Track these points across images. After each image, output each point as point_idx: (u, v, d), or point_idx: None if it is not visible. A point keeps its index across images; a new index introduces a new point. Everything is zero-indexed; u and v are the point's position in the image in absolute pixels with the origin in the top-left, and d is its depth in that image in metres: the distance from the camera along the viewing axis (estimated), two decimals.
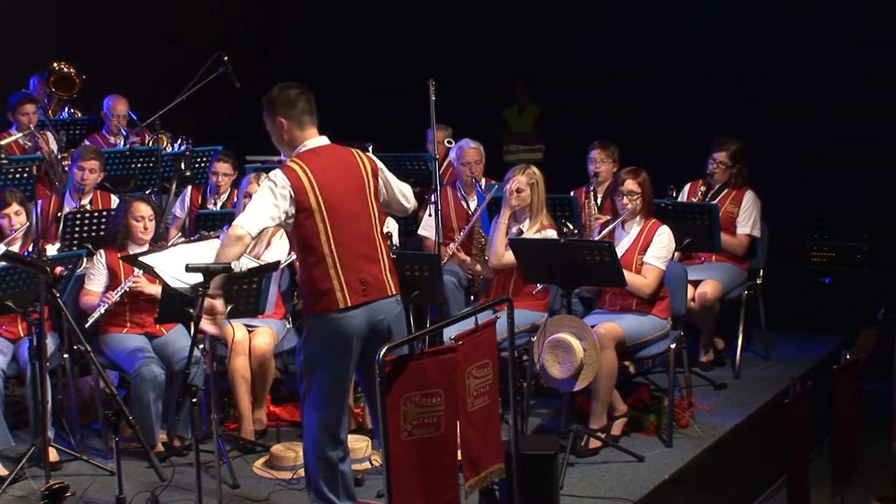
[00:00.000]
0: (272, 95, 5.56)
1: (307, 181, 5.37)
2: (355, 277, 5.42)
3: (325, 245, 5.39)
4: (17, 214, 7.11)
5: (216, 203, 8.40)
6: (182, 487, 6.47)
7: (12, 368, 6.96)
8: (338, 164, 5.52)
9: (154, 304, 7.03)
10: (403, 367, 4.95)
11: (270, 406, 7.46)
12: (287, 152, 5.62)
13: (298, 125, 5.53)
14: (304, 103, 5.54)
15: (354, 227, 5.48)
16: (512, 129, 12.87)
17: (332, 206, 5.40)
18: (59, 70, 9.98)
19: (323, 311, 5.40)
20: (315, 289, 5.41)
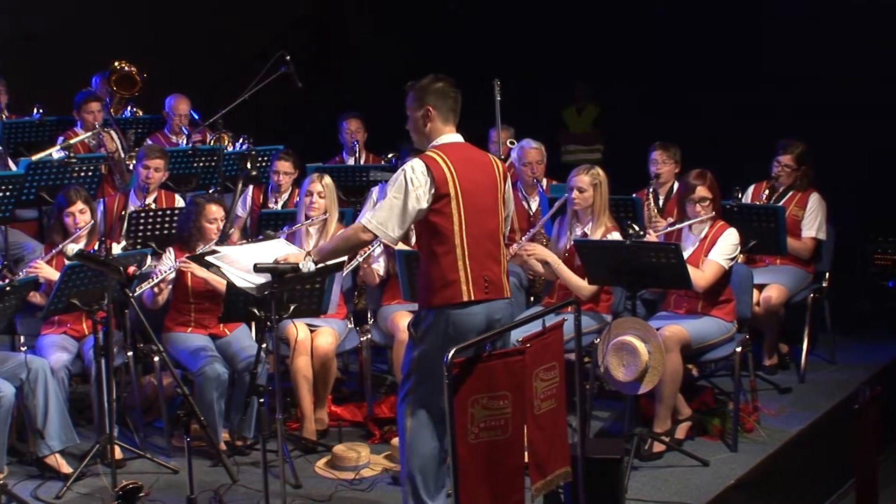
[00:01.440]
0: (424, 83, 5.50)
1: (447, 170, 5.31)
2: (480, 273, 5.36)
3: (457, 236, 5.33)
4: (82, 213, 7.15)
5: (277, 202, 8.42)
6: (245, 487, 6.48)
7: (77, 366, 7.01)
8: (474, 160, 5.48)
9: (218, 305, 7.06)
10: (471, 368, 4.92)
11: (332, 406, 7.46)
12: (421, 142, 5.55)
13: (443, 118, 5.48)
14: (452, 99, 5.50)
15: (485, 223, 5.43)
16: (570, 129, 12.83)
17: (468, 197, 5.34)
18: (120, 69, 10.02)
19: (444, 304, 5.32)
20: (440, 279, 5.33)
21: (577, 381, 5.57)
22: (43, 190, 8.02)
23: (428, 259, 5.41)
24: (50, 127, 9.46)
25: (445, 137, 5.48)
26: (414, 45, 13.32)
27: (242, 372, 6.94)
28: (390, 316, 7.29)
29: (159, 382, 7.21)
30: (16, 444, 6.87)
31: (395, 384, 7.80)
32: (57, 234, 7.18)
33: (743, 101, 11.84)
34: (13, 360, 6.62)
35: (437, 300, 5.36)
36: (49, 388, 6.60)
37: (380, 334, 7.47)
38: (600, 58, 12.85)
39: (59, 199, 7.20)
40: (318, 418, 7.24)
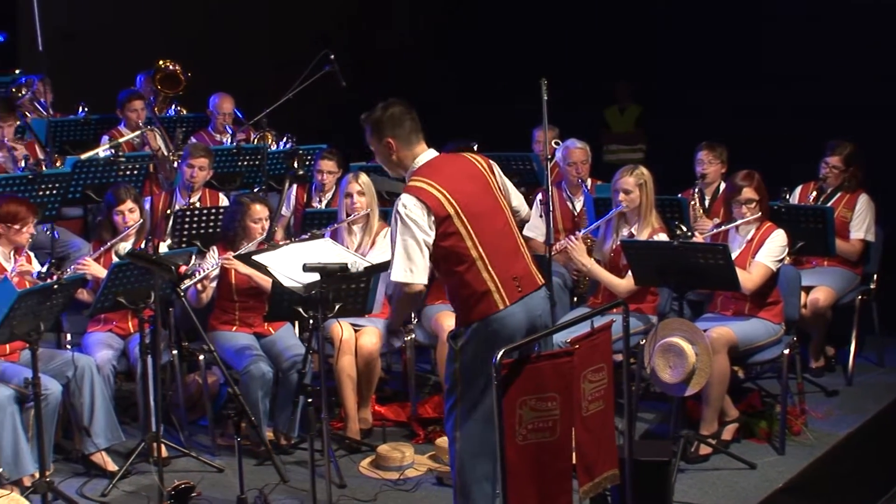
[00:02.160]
0: (376, 116, 5.35)
1: (438, 193, 5.16)
2: (508, 275, 5.25)
3: (472, 249, 5.20)
4: (132, 211, 7.17)
5: (321, 201, 8.40)
6: (290, 486, 6.48)
7: (122, 364, 7.04)
8: (458, 170, 5.33)
9: (262, 303, 7.07)
10: (520, 370, 4.89)
11: (375, 406, 7.45)
12: (396, 172, 5.43)
13: (407, 144, 5.32)
14: (410, 121, 5.33)
15: (493, 225, 5.30)
16: (613, 128, 12.79)
17: (467, 209, 5.21)
18: (164, 68, 10.07)
19: (483, 316, 5.21)
20: (472, 294, 5.21)
21: (624, 383, 5.53)
22: (89, 188, 8.05)
23: (452, 280, 5.28)
24: (94, 125, 9.51)
25: (420, 159, 5.33)
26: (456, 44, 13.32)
27: (287, 371, 6.94)
28: (434, 316, 7.27)
29: (204, 381, 7.22)
30: (61, 441, 6.89)
31: (438, 384, 7.80)
32: (105, 232, 7.21)
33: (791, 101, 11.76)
34: (60, 357, 6.65)
35: (474, 315, 5.25)
36: (95, 386, 6.62)
37: (424, 334, 7.45)
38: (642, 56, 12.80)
39: (108, 198, 7.23)
40: (362, 418, 7.24)
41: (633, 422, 6.79)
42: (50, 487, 6.21)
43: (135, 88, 9.82)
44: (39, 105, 9.86)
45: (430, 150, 5.38)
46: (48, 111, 9.70)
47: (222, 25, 12.55)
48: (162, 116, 9.82)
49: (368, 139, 5.41)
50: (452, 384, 5.29)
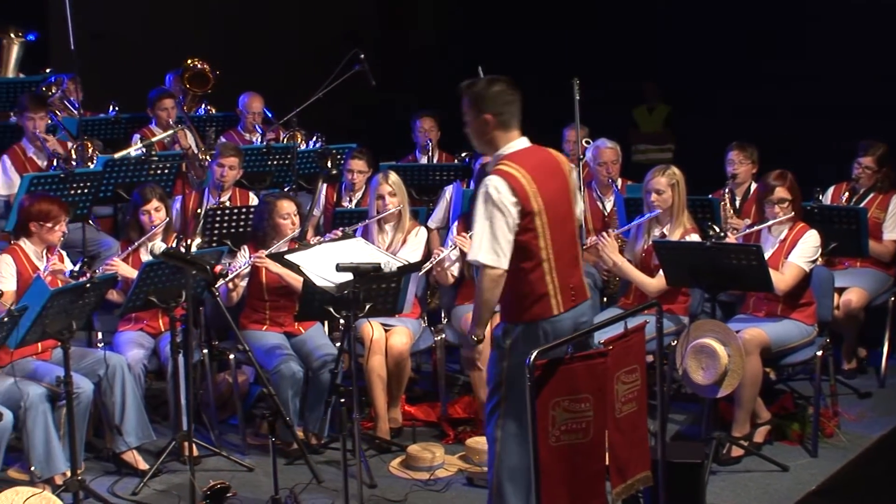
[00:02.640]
0: (478, 88, 5.16)
1: (528, 185, 5.05)
2: (567, 283, 5.18)
3: (543, 250, 5.11)
4: (157, 210, 7.18)
5: (351, 200, 8.40)
6: (317, 485, 6.47)
7: (153, 363, 7.04)
8: (546, 165, 5.21)
9: (293, 302, 7.07)
10: (553, 371, 4.86)
11: (405, 406, 7.43)
12: (484, 149, 5.31)
13: (504, 126, 5.16)
14: (513, 102, 5.16)
15: (566, 230, 5.23)
16: (641, 128, 12.75)
17: (550, 209, 5.11)
18: (193, 66, 10.09)
19: (536, 318, 5.15)
20: (529, 294, 5.13)
21: (658, 384, 5.50)
22: (120, 187, 8.08)
23: (512, 275, 5.14)
24: (125, 124, 9.53)
25: (514, 144, 5.19)
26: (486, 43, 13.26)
27: (317, 370, 6.93)
28: (464, 316, 7.24)
29: (234, 380, 7.22)
30: (92, 439, 6.90)
31: (467, 384, 7.79)
32: (133, 232, 7.23)
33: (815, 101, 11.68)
34: (91, 356, 6.67)
35: (527, 316, 5.18)
36: (126, 385, 6.64)
37: (454, 334, 7.43)
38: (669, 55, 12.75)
39: (134, 197, 7.25)
40: (392, 418, 7.23)
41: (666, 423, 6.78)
42: (81, 486, 6.22)
43: (165, 87, 9.83)
44: (69, 104, 9.90)
45: (524, 138, 5.25)
46: (79, 110, 9.74)
47: (251, 24, 12.57)
48: (191, 115, 9.84)
49: (465, 110, 5.23)
50: (497, 384, 5.22)
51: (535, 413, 4.79)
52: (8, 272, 6.67)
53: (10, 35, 10.33)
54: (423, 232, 7.45)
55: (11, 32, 10.36)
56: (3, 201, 8.31)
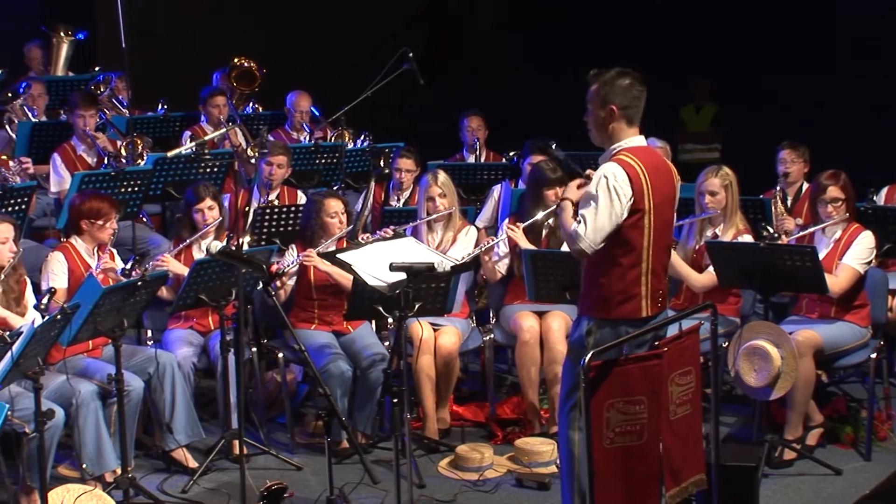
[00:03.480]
0: (608, 78, 5.13)
1: (644, 181, 5.03)
2: (658, 288, 5.17)
3: (645, 250, 5.08)
4: (210, 209, 7.20)
5: (399, 200, 8.39)
6: (366, 484, 6.45)
7: (202, 361, 7.05)
8: (661, 169, 5.19)
9: (341, 300, 7.06)
10: (608, 372, 4.83)
11: (453, 406, 7.40)
12: (602, 140, 5.22)
13: (628, 120, 5.13)
14: (640, 98, 5.14)
15: (667, 237, 5.22)
16: (688, 127, 12.66)
17: (658, 211, 5.09)
18: (240, 65, 10.11)
19: (623, 317, 5.13)
20: (622, 292, 5.11)
21: (712, 386, 5.46)
22: (170, 185, 8.10)
23: (609, 269, 5.12)
24: (175, 122, 9.56)
25: (633, 140, 5.15)
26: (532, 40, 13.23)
27: (366, 370, 6.92)
28: (513, 316, 7.22)
29: (283, 378, 7.22)
30: (141, 437, 6.90)
31: (514, 384, 7.77)
32: (185, 230, 7.26)
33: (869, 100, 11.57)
34: (142, 354, 6.68)
35: (615, 313, 5.14)
36: (176, 383, 6.65)
37: (502, 334, 7.39)
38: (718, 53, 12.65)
39: (187, 195, 7.27)
40: (441, 418, 7.20)
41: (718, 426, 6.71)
42: (132, 483, 6.25)
43: (217, 85, 9.86)
44: (118, 102, 9.95)
45: (642, 137, 5.22)
46: (127, 108, 9.79)
47: (299, 22, 12.58)
48: (240, 114, 9.86)
49: (590, 99, 5.18)
50: (575, 384, 5.16)
51: (590, 415, 4.75)
52: (60, 270, 6.70)
53: (61, 34, 10.42)
54: (474, 231, 7.42)
55: (61, 31, 10.45)
56: (54, 199, 8.36)
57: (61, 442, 6.25)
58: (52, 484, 5.83)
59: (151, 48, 11.25)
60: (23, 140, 8.78)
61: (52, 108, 9.79)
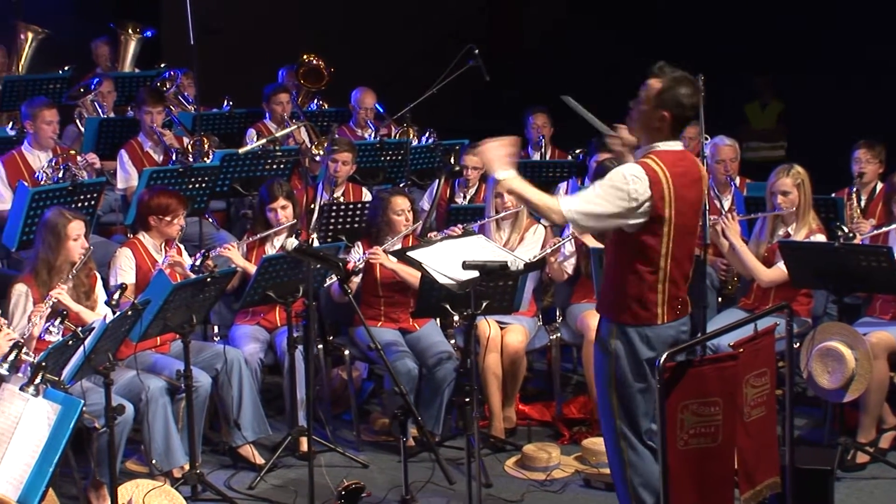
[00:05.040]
0: (670, 83, 4.98)
1: (666, 189, 4.92)
2: (676, 295, 5.07)
3: (662, 259, 5.00)
4: (284, 208, 7.19)
5: (465, 197, 8.35)
6: (434, 483, 6.42)
7: (268, 357, 7.06)
8: (690, 175, 5.07)
9: (407, 298, 7.04)
10: (682, 373, 4.76)
11: (519, 404, 7.36)
12: (640, 136, 5.13)
13: (674, 130, 5.02)
14: (694, 108, 5.07)
15: (688, 244, 5.12)
16: (753, 125, 12.53)
17: (679, 219, 4.98)
18: (308, 62, 10.12)
19: (640, 323, 5.05)
20: (636, 298, 5.03)
21: (787, 388, 5.36)
22: (237, 182, 8.12)
23: (625, 274, 5.06)
24: (239, 119, 9.58)
25: (669, 144, 5.04)
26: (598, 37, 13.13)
27: (432, 368, 6.89)
28: (581, 314, 7.16)
29: (349, 375, 7.21)
30: (208, 433, 6.91)
31: (580, 383, 7.72)
32: (259, 227, 7.26)
33: None
34: (209, 350, 6.70)
35: (628, 318, 5.07)
36: (243, 379, 6.65)
37: (569, 333, 7.34)
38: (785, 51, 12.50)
39: (261, 193, 7.27)
40: (507, 416, 7.16)
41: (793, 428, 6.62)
42: (200, 479, 6.27)
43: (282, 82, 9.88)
44: (183, 99, 10.00)
45: (679, 143, 5.12)
46: (192, 105, 9.83)
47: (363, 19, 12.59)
48: (304, 111, 9.87)
49: (644, 94, 5.05)
50: (608, 389, 5.14)
51: (665, 416, 4.69)
52: (128, 265, 6.74)
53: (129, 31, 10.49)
54: (542, 230, 7.37)
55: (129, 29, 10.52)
56: (121, 195, 8.41)
57: (129, 437, 6.27)
58: (120, 479, 5.84)
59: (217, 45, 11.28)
60: (90, 135, 8.84)
61: (119, 105, 9.87)
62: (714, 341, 6.10)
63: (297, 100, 9.94)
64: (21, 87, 9.47)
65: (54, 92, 9.40)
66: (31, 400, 4.70)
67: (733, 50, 12.57)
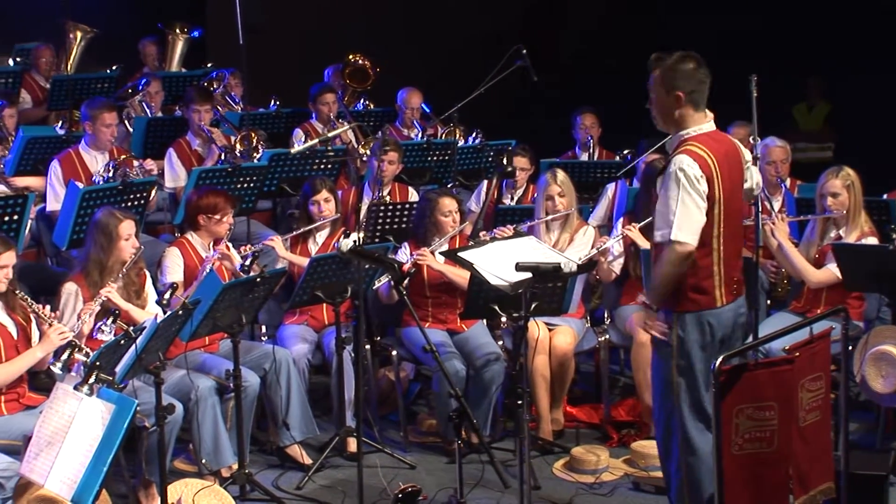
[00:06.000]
0: (670, 63, 5.02)
1: (714, 170, 4.95)
2: (731, 275, 5.07)
3: (715, 239, 5.01)
4: (327, 202, 7.22)
5: (512, 198, 8.32)
6: (481, 485, 6.39)
7: (316, 357, 7.05)
8: (731, 154, 5.11)
9: (454, 298, 7.02)
10: (738, 377, 4.71)
11: (567, 406, 7.32)
12: (668, 127, 5.14)
13: (695, 104, 5.02)
14: (705, 81, 5.04)
15: (737, 222, 5.13)
16: (801, 126, 12.43)
17: (727, 199, 5.00)
18: (354, 62, 10.11)
19: (699, 308, 5.04)
20: (693, 284, 5.03)
21: (841, 392, 5.30)
22: (284, 181, 8.13)
23: None
24: (286, 119, 9.59)
25: (702, 127, 5.05)
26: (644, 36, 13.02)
27: (480, 369, 6.86)
28: (630, 316, 7.11)
29: (396, 376, 7.20)
30: (255, 433, 6.91)
31: (627, 385, 7.68)
32: (302, 223, 7.27)
33: None
34: (258, 349, 6.70)
35: (691, 305, 5.06)
36: (292, 379, 6.65)
37: (618, 335, 7.29)
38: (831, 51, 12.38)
39: (304, 188, 7.32)
40: (555, 419, 7.13)
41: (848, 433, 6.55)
42: (249, 479, 6.27)
43: (328, 81, 9.88)
44: (230, 98, 10.02)
45: (711, 121, 5.11)
46: (239, 104, 9.85)
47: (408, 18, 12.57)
48: (350, 110, 9.87)
49: (652, 86, 5.10)
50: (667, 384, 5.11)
51: (720, 420, 4.65)
52: (176, 264, 6.75)
53: (176, 31, 10.52)
54: (591, 231, 7.32)
55: (177, 28, 10.56)
56: (169, 194, 8.43)
57: (177, 436, 6.27)
58: (169, 478, 5.85)
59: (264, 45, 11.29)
60: (139, 135, 8.87)
61: (166, 104, 9.90)
62: (765, 345, 6.05)
63: (343, 99, 9.93)
64: (70, 87, 9.51)
65: (102, 91, 9.45)
66: (84, 399, 4.71)
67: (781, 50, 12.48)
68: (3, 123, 8.50)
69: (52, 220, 7.63)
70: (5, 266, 5.75)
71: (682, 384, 5.10)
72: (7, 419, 5.69)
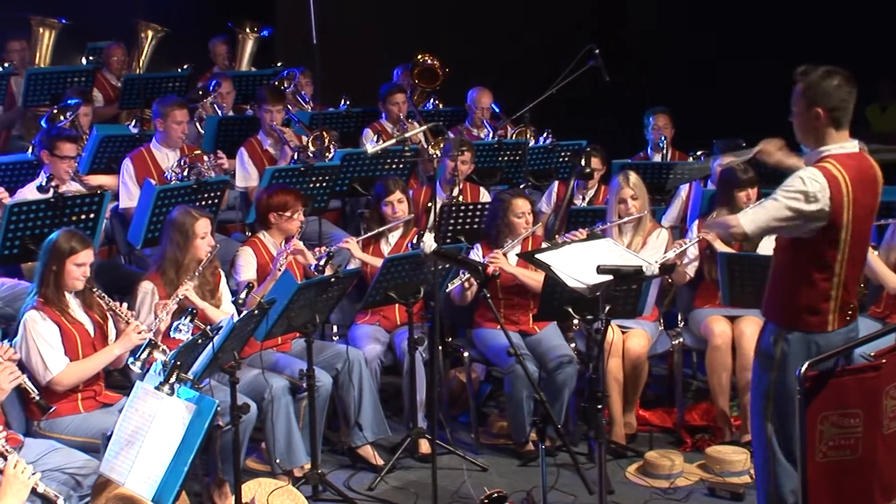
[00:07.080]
0: (815, 79, 4.83)
1: (846, 194, 4.76)
2: (847, 301, 4.93)
3: (838, 265, 4.85)
4: (400, 202, 7.20)
5: (584, 199, 8.26)
6: (556, 489, 6.33)
7: (387, 357, 7.03)
8: (868, 179, 4.91)
9: (527, 300, 6.98)
10: (823, 384, 4.63)
11: (640, 410, 7.25)
12: (807, 142, 4.96)
13: (836, 123, 4.88)
14: (849, 101, 4.88)
15: (863, 249, 4.98)
16: (873, 127, 12.26)
17: (856, 225, 4.83)
18: (423, 62, 10.10)
19: (809, 330, 4.91)
20: (808, 305, 4.90)
21: None
22: (356, 181, 8.12)
23: (799, 279, 4.90)
24: (356, 118, 9.59)
25: (841, 146, 4.88)
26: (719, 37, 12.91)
27: (553, 371, 6.81)
28: (704, 320, 7.03)
29: (468, 377, 7.17)
30: (326, 433, 6.89)
31: (700, 389, 7.59)
32: (373, 223, 7.26)
33: None
34: (330, 350, 6.69)
35: (800, 325, 4.91)
36: (364, 380, 6.64)
37: (692, 338, 7.21)
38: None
39: (377, 189, 7.30)
40: (627, 422, 7.06)
41: None
42: (321, 479, 6.26)
43: (397, 81, 9.87)
44: (300, 98, 10.03)
45: (854, 141, 4.96)
46: (309, 104, 9.87)
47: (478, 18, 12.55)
48: (420, 110, 9.85)
49: (795, 99, 4.92)
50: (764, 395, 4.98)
51: (805, 427, 4.57)
52: (249, 263, 6.76)
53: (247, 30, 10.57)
54: (665, 234, 7.25)
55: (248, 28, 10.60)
56: (241, 193, 8.45)
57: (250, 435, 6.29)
58: (242, 477, 5.85)
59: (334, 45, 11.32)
60: (210, 135, 8.90)
61: (236, 104, 9.93)
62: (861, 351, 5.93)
63: (412, 99, 9.92)
64: (141, 86, 9.57)
65: (173, 90, 9.49)
66: (164, 399, 4.71)
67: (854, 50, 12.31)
68: (77, 122, 8.55)
69: (125, 217, 7.68)
70: (83, 264, 5.78)
71: (773, 402, 4.97)
72: (84, 417, 5.72)
